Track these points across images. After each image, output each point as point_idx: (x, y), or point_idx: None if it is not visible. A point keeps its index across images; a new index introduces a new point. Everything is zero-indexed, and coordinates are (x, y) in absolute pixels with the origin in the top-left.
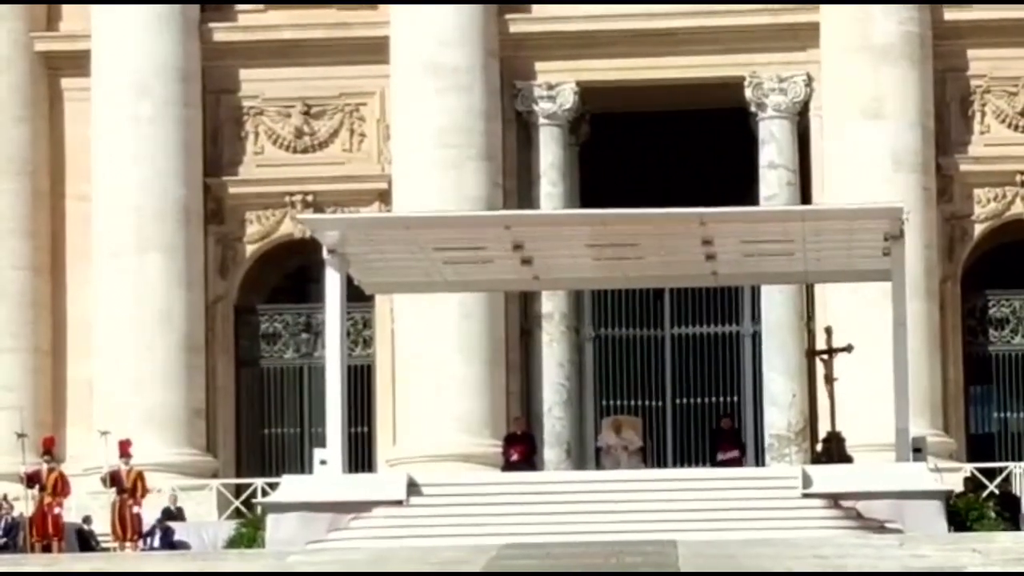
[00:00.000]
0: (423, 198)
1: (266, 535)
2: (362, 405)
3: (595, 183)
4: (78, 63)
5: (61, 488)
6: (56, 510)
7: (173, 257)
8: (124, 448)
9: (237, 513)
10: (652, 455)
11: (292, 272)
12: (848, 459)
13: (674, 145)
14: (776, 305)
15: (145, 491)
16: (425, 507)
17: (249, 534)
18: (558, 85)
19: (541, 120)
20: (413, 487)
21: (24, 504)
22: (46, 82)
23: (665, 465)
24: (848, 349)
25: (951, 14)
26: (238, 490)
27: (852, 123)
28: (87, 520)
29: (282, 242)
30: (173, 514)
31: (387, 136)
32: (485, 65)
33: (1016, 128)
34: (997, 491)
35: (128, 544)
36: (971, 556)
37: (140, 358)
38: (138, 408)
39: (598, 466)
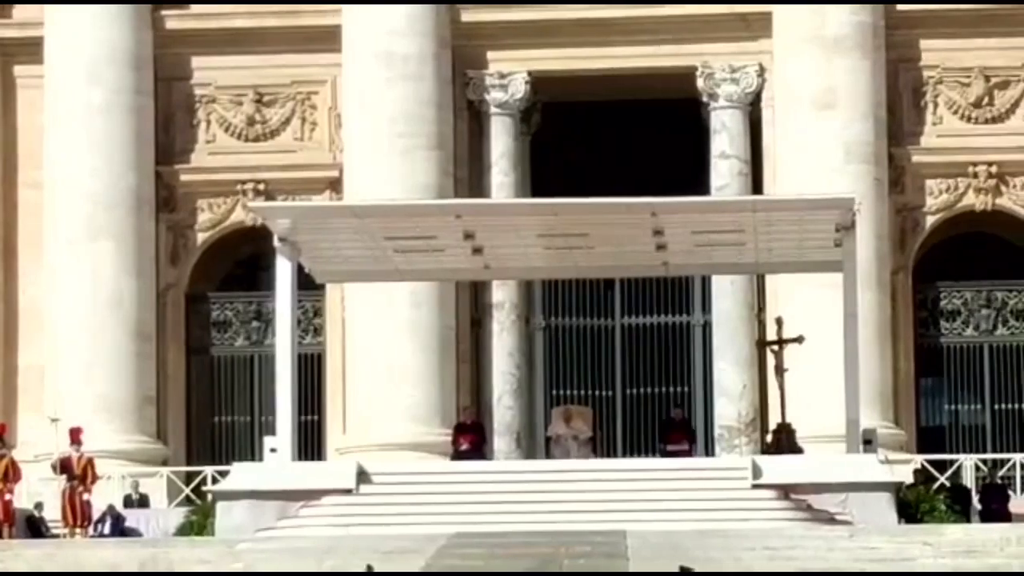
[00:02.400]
0: (374, 187)
1: (216, 523)
2: (312, 393)
3: (546, 173)
4: (31, 51)
5: (12, 475)
6: (7, 496)
7: (124, 245)
8: (75, 435)
9: (187, 501)
10: (602, 445)
11: (243, 260)
12: (798, 450)
13: (625, 135)
14: (727, 295)
15: (95, 478)
16: (375, 496)
17: (199, 522)
18: (510, 75)
19: (493, 109)
20: (363, 476)
21: None
22: None
23: (615, 455)
24: (799, 340)
25: (904, 4)
26: (188, 478)
27: (804, 113)
28: (39, 507)
29: (233, 230)
30: (134, 501)
31: (339, 125)
32: (437, 54)
33: (968, 119)
34: (947, 483)
35: (78, 531)
36: (921, 548)
37: (91, 345)
38: (89, 395)
39: (548, 456)
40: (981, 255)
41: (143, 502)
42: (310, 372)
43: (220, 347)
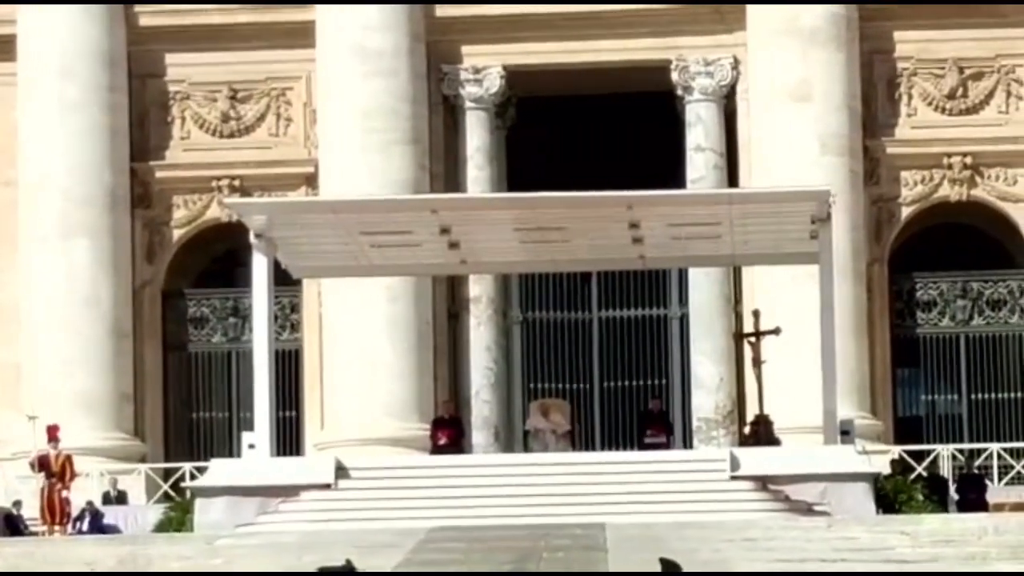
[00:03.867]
0: (350, 182)
1: (194, 519)
2: (290, 389)
3: (522, 167)
4: (4, 47)
5: None
6: None
7: (100, 242)
8: (52, 433)
9: (166, 497)
10: (580, 438)
11: (219, 256)
12: (776, 442)
13: (601, 129)
14: (703, 288)
15: (73, 475)
16: (353, 491)
17: (178, 518)
18: (484, 69)
19: (468, 104)
20: (341, 471)
21: None
22: None
23: (593, 448)
24: (776, 332)
25: None
26: (166, 474)
27: (779, 106)
28: (17, 505)
29: (209, 226)
30: (112, 498)
31: (313, 120)
32: (411, 49)
33: (943, 111)
34: (925, 473)
35: (57, 528)
36: (899, 538)
37: (68, 343)
38: (66, 393)
39: (526, 449)
40: (957, 246)
41: (121, 499)
42: (288, 368)
43: (197, 343)
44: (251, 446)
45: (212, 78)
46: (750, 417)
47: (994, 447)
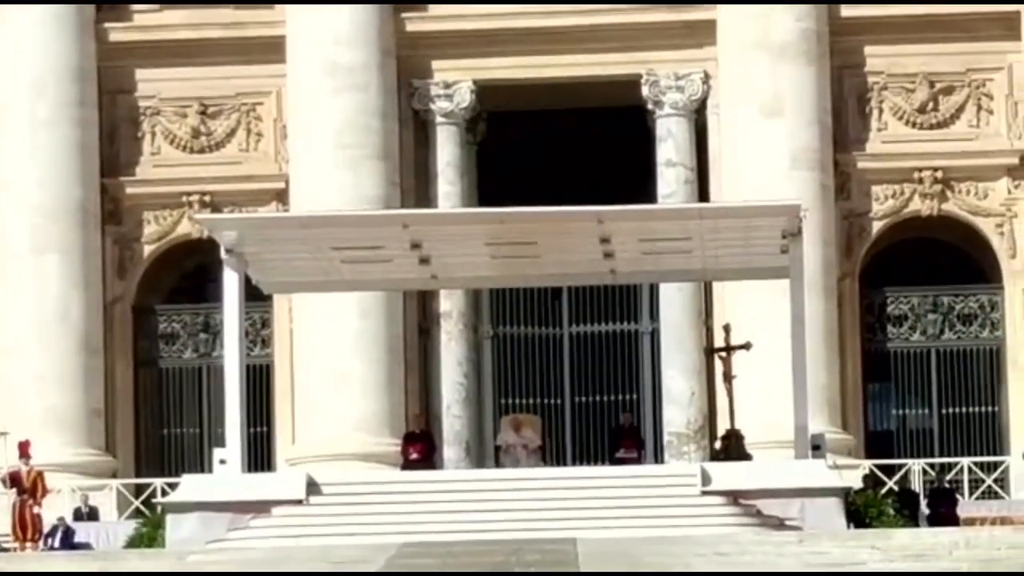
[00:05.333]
0: (320, 197)
1: (166, 535)
2: (261, 405)
3: (493, 182)
4: None
5: None
6: None
7: (70, 258)
8: (24, 449)
9: (137, 513)
10: (551, 453)
11: (190, 272)
12: (747, 457)
13: (572, 143)
14: (674, 303)
15: (45, 491)
16: (325, 506)
17: (149, 534)
18: (455, 84)
19: (438, 119)
20: (313, 486)
21: None
22: None
23: (564, 463)
24: (746, 347)
25: (848, 11)
26: (138, 490)
27: (750, 120)
28: None
29: (180, 242)
30: (83, 515)
31: (284, 136)
32: (381, 64)
33: (913, 125)
34: (896, 488)
35: (29, 545)
36: (870, 552)
37: (39, 359)
38: (37, 409)
39: (497, 465)
40: (927, 260)
41: (93, 515)
42: (259, 383)
43: (168, 359)
44: (222, 462)
45: (182, 93)
46: (721, 432)
47: (965, 461)
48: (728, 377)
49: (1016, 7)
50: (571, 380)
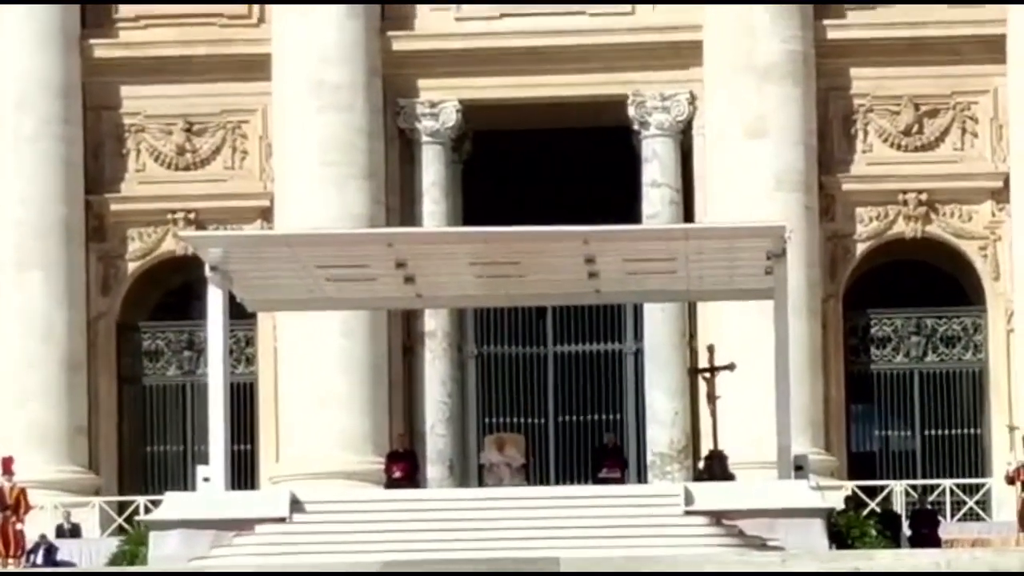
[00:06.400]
0: (305, 216)
1: (149, 552)
2: (245, 422)
3: (478, 201)
4: None
5: None
6: None
7: (54, 274)
8: (7, 465)
9: (120, 530)
10: (535, 472)
11: (174, 289)
12: (730, 477)
13: (557, 163)
14: (659, 323)
15: (28, 508)
16: (308, 524)
17: (132, 551)
18: (440, 103)
19: (424, 138)
20: (296, 504)
21: None
22: None
23: (548, 482)
24: (730, 367)
25: (834, 33)
26: (121, 507)
27: (735, 142)
28: None
29: (164, 259)
30: (66, 532)
31: (269, 153)
32: (367, 83)
33: (898, 147)
34: (878, 509)
35: (11, 562)
36: (852, 573)
37: (22, 375)
38: (20, 425)
39: (481, 484)
40: (911, 282)
41: (75, 532)
42: (243, 401)
43: (152, 376)
44: (206, 479)
45: (168, 111)
46: (704, 452)
47: (947, 483)
48: (712, 397)
49: (1001, 31)
50: (555, 399)
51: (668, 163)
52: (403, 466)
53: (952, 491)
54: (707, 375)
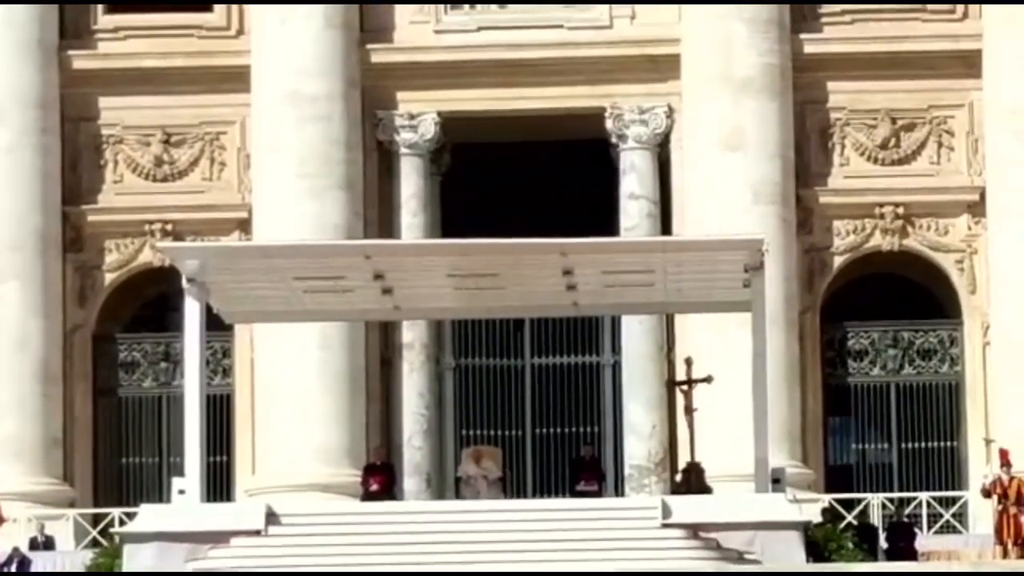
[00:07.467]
0: (283, 227)
1: (123, 565)
2: (221, 434)
3: (456, 213)
4: None
5: None
6: None
7: (31, 285)
8: None
9: (94, 543)
10: (512, 485)
11: (151, 301)
12: (707, 490)
13: (535, 175)
14: (636, 336)
15: (2, 520)
16: (284, 537)
17: (106, 564)
18: (419, 115)
19: (402, 150)
20: (272, 517)
21: None
22: None
23: (525, 495)
24: (708, 380)
25: (811, 47)
26: (95, 520)
27: (712, 154)
28: None
29: (141, 271)
30: (40, 544)
31: (247, 165)
32: (346, 95)
33: (875, 160)
34: (855, 522)
35: None
36: None
37: None
38: None
39: (458, 496)
40: (888, 295)
41: (49, 544)
42: (219, 413)
43: (128, 388)
44: (181, 492)
45: (146, 122)
46: (682, 465)
47: (923, 496)
48: (689, 410)
49: (977, 46)
50: (532, 412)
51: (646, 176)
52: (380, 479)
53: (929, 504)
54: (685, 388)
